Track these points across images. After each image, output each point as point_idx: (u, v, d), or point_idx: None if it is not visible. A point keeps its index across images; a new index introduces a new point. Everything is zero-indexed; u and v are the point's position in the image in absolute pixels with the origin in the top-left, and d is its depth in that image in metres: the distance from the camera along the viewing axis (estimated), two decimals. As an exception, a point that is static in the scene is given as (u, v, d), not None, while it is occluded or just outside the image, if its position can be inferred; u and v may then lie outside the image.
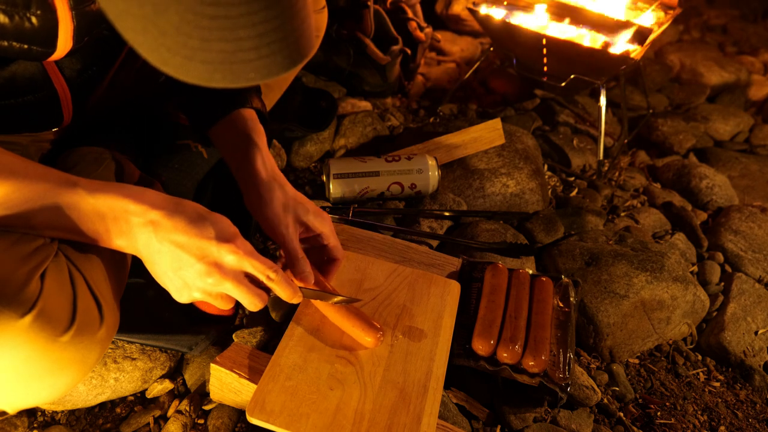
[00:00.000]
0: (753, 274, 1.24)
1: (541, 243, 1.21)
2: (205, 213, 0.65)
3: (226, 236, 0.64)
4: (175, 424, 0.82)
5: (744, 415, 0.99)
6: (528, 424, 0.87)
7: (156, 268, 0.65)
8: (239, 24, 0.40)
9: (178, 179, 1.01)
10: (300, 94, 1.45)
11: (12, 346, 0.55)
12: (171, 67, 0.42)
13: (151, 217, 0.62)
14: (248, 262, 0.65)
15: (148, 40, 0.41)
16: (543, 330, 0.89)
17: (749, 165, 1.63)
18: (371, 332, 0.80)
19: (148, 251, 0.64)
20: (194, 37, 0.40)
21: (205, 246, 0.63)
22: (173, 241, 0.62)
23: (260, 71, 0.44)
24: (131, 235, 0.63)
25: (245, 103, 0.84)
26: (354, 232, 1.06)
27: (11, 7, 0.57)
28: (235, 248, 0.64)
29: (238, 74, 0.43)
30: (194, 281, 0.64)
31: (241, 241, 0.65)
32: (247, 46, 0.41)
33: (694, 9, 2.61)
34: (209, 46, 0.41)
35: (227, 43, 0.41)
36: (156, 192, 0.64)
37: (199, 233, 0.62)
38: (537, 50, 1.47)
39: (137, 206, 0.62)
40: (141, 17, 0.40)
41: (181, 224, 0.62)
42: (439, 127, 1.45)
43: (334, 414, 0.72)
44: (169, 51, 0.41)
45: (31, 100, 0.72)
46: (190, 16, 0.39)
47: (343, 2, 1.58)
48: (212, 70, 0.42)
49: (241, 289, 0.66)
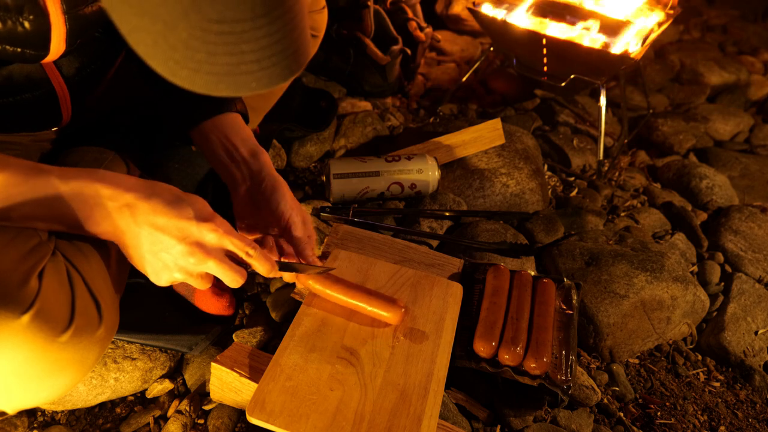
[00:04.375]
0: (753, 274, 1.24)
1: (541, 243, 1.21)
2: (181, 194, 0.66)
3: (204, 216, 0.65)
4: (175, 424, 0.82)
5: (744, 415, 0.99)
6: (528, 424, 0.87)
7: (133, 252, 0.65)
8: (243, 39, 0.43)
9: (178, 179, 1.01)
10: (300, 94, 1.45)
11: (10, 345, 0.55)
12: (179, 78, 0.45)
13: (126, 200, 0.63)
14: (228, 240, 0.66)
15: (158, 53, 0.43)
16: (545, 332, 0.88)
17: (749, 165, 1.63)
18: (392, 308, 0.82)
19: (128, 234, 0.64)
20: (201, 51, 0.43)
21: (185, 226, 0.64)
22: (152, 224, 0.63)
23: (261, 81, 0.46)
24: (111, 220, 0.63)
25: (230, 107, 0.85)
26: (354, 232, 1.06)
27: (4, 12, 0.58)
28: (215, 227, 0.65)
29: (241, 84, 0.46)
30: (175, 262, 0.65)
31: (220, 220, 0.67)
32: (250, 58, 0.44)
33: (694, 9, 2.61)
34: (215, 60, 0.43)
35: (232, 56, 0.43)
36: (129, 176, 0.65)
37: (178, 214, 0.63)
38: (537, 50, 1.47)
39: (111, 190, 0.62)
40: (152, 33, 0.42)
41: (159, 206, 0.63)
42: (439, 127, 1.45)
43: (334, 415, 0.72)
44: (177, 64, 0.44)
45: (29, 98, 0.72)
46: (198, 32, 0.41)
47: (343, 2, 1.57)
48: (217, 81, 0.45)
49: (223, 267, 0.67)
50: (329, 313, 0.85)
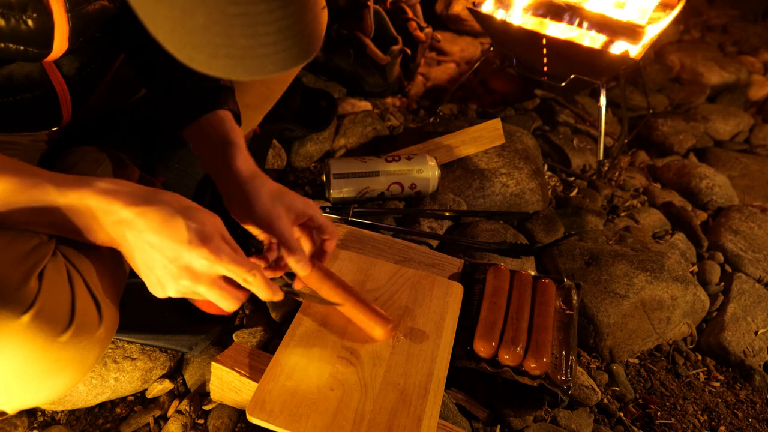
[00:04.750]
0: (753, 274, 1.24)
1: (541, 243, 1.21)
2: (182, 209, 0.62)
3: (201, 237, 0.61)
4: (175, 424, 0.82)
5: (744, 415, 0.99)
6: (528, 424, 0.87)
7: (134, 264, 0.64)
8: (259, 21, 0.43)
9: (178, 179, 1.00)
10: (300, 94, 1.45)
11: (10, 346, 0.55)
12: (197, 63, 0.45)
13: (121, 216, 0.60)
14: (222, 266, 0.63)
15: (175, 38, 0.43)
16: (545, 332, 0.88)
17: (749, 165, 1.63)
18: (382, 323, 0.80)
19: (124, 246, 0.63)
20: (219, 35, 0.43)
21: (177, 248, 0.60)
22: (146, 241, 0.61)
23: (278, 64, 0.46)
24: (107, 232, 0.62)
25: (222, 105, 0.83)
26: (354, 232, 1.06)
27: (7, 9, 0.58)
28: (207, 253, 0.61)
29: (259, 67, 0.46)
30: (167, 281, 0.63)
31: (217, 243, 0.62)
32: (267, 41, 0.44)
33: (694, 9, 2.61)
34: (232, 42, 0.43)
35: (249, 38, 0.43)
36: (128, 183, 0.62)
37: (171, 234, 0.60)
38: (537, 50, 1.47)
39: (109, 205, 0.60)
40: (170, 18, 0.42)
41: (153, 223, 0.60)
42: (439, 127, 1.45)
43: (334, 414, 0.72)
44: (195, 48, 0.44)
45: (30, 98, 0.72)
46: (215, 16, 0.42)
47: (343, 2, 1.58)
48: (234, 64, 0.45)
49: (215, 292, 0.64)
50: (329, 312, 0.85)
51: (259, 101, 1.10)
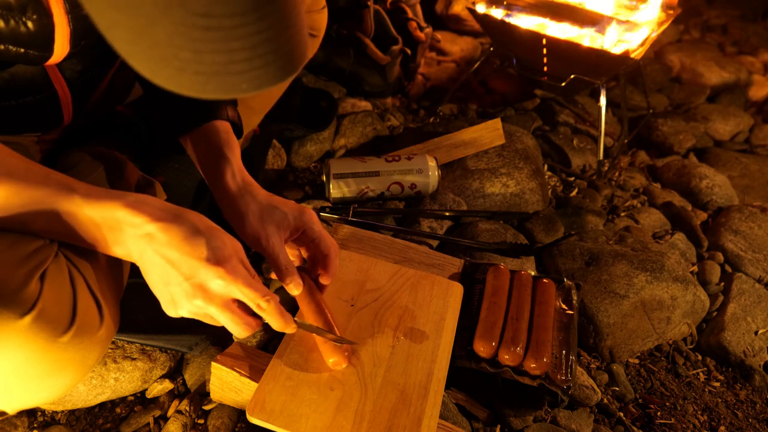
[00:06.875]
0: (753, 274, 1.24)
1: (541, 243, 1.21)
2: (204, 228, 0.62)
3: (218, 257, 0.61)
4: (175, 424, 0.82)
5: (744, 415, 0.99)
6: (528, 424, 0.87)
7: (149, 278, 0.64)
8: (232, 36, 0.39)
9: (178, 179, 1.01)
10: (300, 94, 1.45)
11: (12, 346, 0.55)
12: (162, 78, 0.41)
13: (147, 230, 0.60)
14: (237, 289, 0.62)
15: (138, 51, 0.40)
16: (545, 332, 0.89)
17: (749, 165, 1.63)
18: (336, 353, 0.76)
19: (142, 261, 0.62)
20: (186, 49, 0.39)
21: (194, 265, 0.60)
22: (164, 256, 0.60)
23: (252, 82, 0.43)
24: (126, 246, 0.62)
25: (220, 115, 0.82)
26: (354, 232, 1.06)
27: (6, 11, 0.57)
28: (224, 273, 0.60)
29: (231, 85, 0.42)
30: (180, 299, 0.62)
31: (234, 265, 0.62)
32: (240, 57, 0.41)
33: (694, 9, 2.61)
34: (201, 58, 0.40)
35: (220, 54, 0.40)
36: (157, 200, 0.62)
37: (191, 251, 0.60)
38: (537, 50, 1.47)
39: (135, 218, 0.60)
40: (133, 28, 0.39)
41: (175, 240, 0.60)
42: (439, 127, 1.45)
43: (334, 414, 0.72)
44: (160, 62, 0.40)
45: (32, 101, 0.72)
46: (182, 28, 0.38)
47: (343, 2, 1.58)
48: (204, 81, 0.41)
49: (227, 315, 0.64)
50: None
51: (259, 102, 1.10)
